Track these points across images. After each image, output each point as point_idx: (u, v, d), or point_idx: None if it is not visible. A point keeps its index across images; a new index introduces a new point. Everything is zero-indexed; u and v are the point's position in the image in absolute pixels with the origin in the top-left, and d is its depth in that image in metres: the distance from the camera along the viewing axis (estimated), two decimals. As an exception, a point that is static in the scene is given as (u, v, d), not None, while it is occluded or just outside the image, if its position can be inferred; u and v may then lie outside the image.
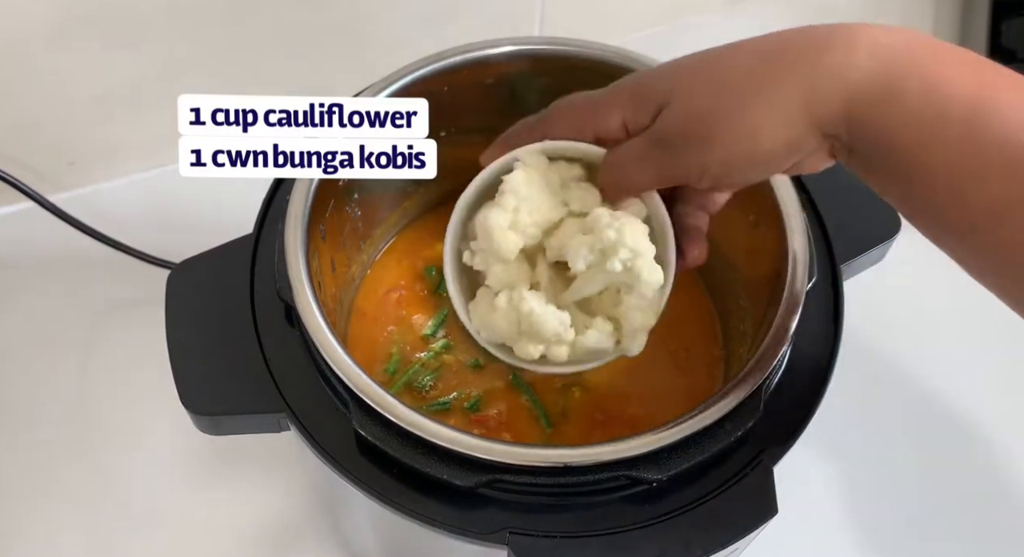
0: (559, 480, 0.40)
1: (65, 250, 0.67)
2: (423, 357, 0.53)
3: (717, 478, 0.41)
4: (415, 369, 0.52)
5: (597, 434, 0.50)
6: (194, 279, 0.47)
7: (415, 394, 0.51)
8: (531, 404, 0.51)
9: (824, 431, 0.54)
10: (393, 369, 0.52)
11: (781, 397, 0.43)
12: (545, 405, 0.51)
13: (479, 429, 0.50)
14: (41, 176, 0.67)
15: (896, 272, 0.58)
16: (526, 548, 0.39)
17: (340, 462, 0.41)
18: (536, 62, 0.51)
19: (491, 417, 0.51)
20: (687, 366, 0.53)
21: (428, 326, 0.54)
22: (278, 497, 0.59)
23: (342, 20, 0.69)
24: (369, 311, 0.54)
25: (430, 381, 0.52)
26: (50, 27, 0.61)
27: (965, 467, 0.62)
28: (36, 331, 0.65)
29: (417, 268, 0.56)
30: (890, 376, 0.65)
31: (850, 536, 0.59)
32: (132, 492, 0.59)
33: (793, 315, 0.43)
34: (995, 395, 0.65)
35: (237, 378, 0.44)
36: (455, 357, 0.53)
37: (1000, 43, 0.75)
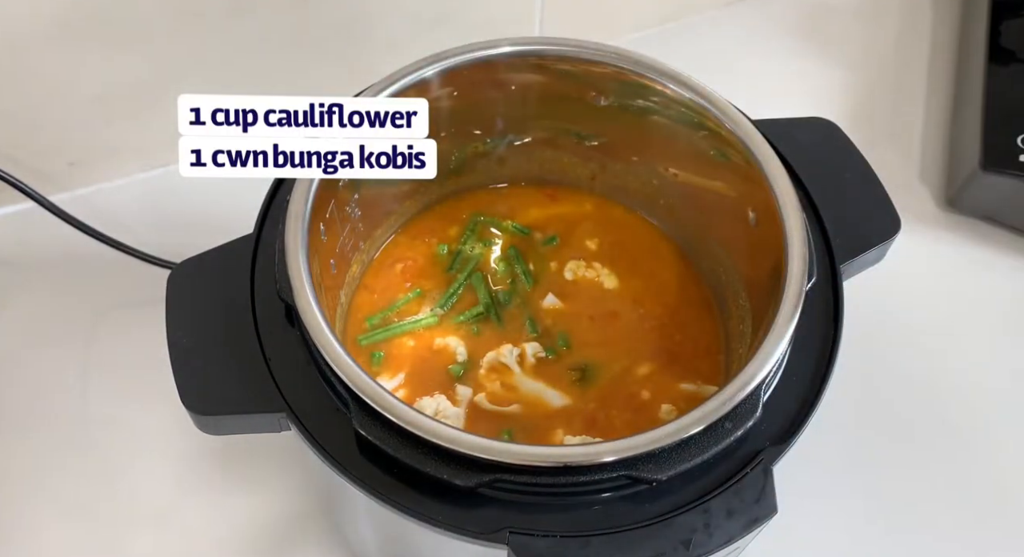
0: (559, 480, 0.40)
1: (65, 250, 0.67)
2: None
3: (717, 478, 0.41)
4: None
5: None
6: (194, 279, 0.47)
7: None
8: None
9: (824, 431, 0.54)
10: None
11: (781, 397, 0.43)
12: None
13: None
14: (41, 176, 0.67)
15: (896, 272, 0.58)
16: (526, 548, 0.39)
17: (340, 462, 0.41)
18: (536, 62, 0.51)
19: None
20: (687, 365, 0.53)
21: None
22: (278, 497, 0.59)
23: (342, 20, 0.69)
24: (368, 311, 0.55)
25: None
26: (50, 27, 0.61)
27: (966, 467, 0.62)
28: (36, 331, 0.65)
29: (417, 267, 0.56)
30: (890, 376, 0.65)
31: (850, 536, 0.59)
32: (132, 492, 0.59)
33: (793, 315, 0.43)
34: (996, 395, 0.65)
35: (237, 378, 0.44)
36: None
37: (1000, 43, 0.75)
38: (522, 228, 0.57)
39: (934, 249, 0.71)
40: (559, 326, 0.54)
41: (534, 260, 0.56)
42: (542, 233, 0.57)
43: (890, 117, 0.79)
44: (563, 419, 0.50)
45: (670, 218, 0.57)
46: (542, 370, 0.52)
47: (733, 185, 0.51)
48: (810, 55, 0.82)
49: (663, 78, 0.50)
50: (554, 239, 0.57)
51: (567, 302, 0.55)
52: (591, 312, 0.54)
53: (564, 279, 0.55)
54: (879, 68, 0.82)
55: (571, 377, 0.52)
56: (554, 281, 0.55)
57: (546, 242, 0.57)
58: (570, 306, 0.54)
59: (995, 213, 0.72)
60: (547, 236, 0.57)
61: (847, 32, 0.84)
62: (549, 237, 0.57)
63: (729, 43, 0.82)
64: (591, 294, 0.55)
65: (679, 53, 0.55)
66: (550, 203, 0.59)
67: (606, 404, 0.51)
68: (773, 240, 0.46)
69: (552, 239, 0.57)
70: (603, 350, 0.53)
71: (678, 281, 0.56)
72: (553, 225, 0.58)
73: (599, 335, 0.53)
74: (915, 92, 0.81)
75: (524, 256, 0.56)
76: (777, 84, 0.79)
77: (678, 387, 0.52)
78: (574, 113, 0.54)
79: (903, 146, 0.77)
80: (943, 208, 0.73)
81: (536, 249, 0.57)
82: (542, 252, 0.56)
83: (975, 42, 0.77)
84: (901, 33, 0.84)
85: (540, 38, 0.53)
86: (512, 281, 0.55)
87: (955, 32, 0.83)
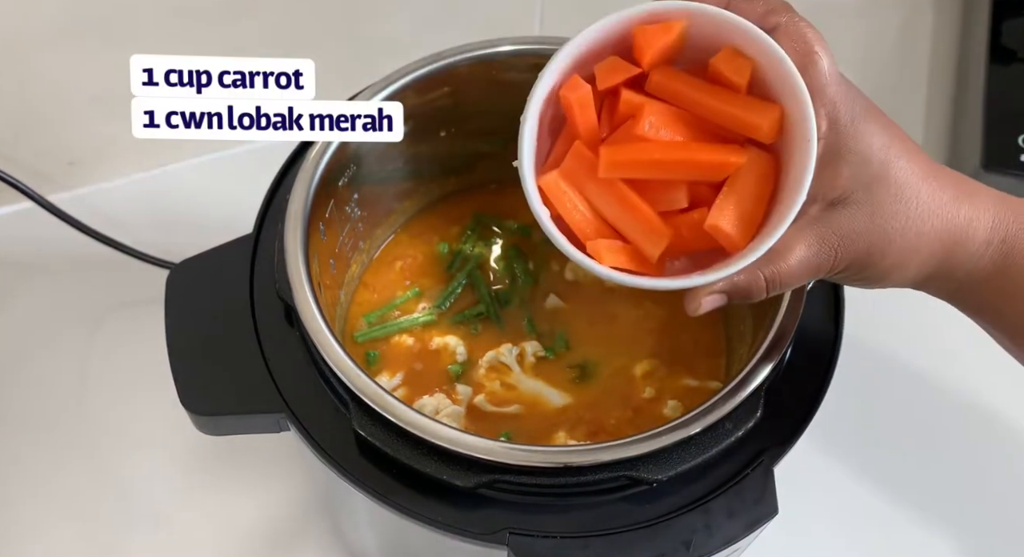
0: (559, 480, 0.40)
1: (65, 250, 0.67)
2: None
3: (717, 478, 0.41)
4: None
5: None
6: (194, 279, 0.47)
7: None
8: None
9: (824, 431, 0.54)
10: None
11: (781, 397, 0.43)
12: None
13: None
14: (41, 176, 0.67)
15: (896, 272, 0.58)
16: (526, 548, 0.39)
17: (340, 462, 0.41)
18: (536, 62, 0.51)
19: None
20: (688, 365, 0.53)
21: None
22: (278, 497, 0.59)
23: (342, 20, 0.69)
24: (367, 309, 0.55)
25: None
26: (50, 27, 0.61)
27: (966, 467, 0.62)
28: (36, 331, 0.65)
29: (416, 265, 0.56)
30: (890, 376, 0.65)
31: (850, 536, 0.59)
32: (132, 492, 0.59)
33: (793, 315, 0.43)
34: (996, 395, 0.65)
35: (237, 378, 0.44)
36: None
37: (1000, 43, 0.75)
38: (524, 227, 0.57)
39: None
40: (559, 326, 0.54)
41: (535, 260, 0.56)
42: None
43: (890, 117, 0.79)
44: (563, 418, 0.50)
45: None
46: (542, 369, 0.52)
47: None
48: (810, 55, 0.81)
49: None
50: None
51: (568, 302, 0.54)
52: (591, 312, 0.54)
53: (565, 279, 0.55)
54: (879, 68, 0.82)
55: (570, 375, 0.52)
56: (555, 281, 0.55)
57: (547, 241, 0.57)
58: (571, 306, 0.54)
59: (996, 213, 0.72)
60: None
61: (847, 31, 0.83)
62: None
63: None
64: (593, 294, 0.55)
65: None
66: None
67: (606, 402, 0.51)
68: (773, 240, 0.46)
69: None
70: (603, 349, 0.53)
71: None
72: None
73: (599, 335, 0.53)
74: (915, 92, 0.80)
75: (525, 256, 0.56)
76: (777, 84, 0.78)
77: (681, 383, 0.52)
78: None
79: (904, 146, 0.77)
80: (944, 208, 0.73)
81: (537, 249, 0.57)
82: (543, 252, 0.56)
83: (976, 42, 0.77)
84: (901, 33, 0.84)
85: (540, 38, 0.53)
86: (511, 280, 0.55)
87: (956, 32, 0.83)
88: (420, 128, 0.51)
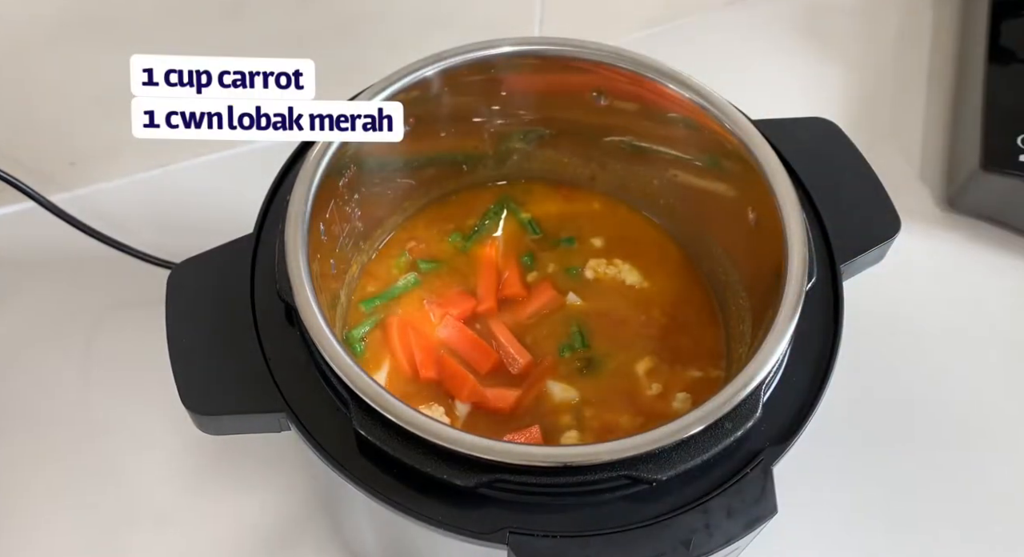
0: (559, 480, 0.40)
1: (65, 250, 0.67)
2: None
3: (717, 478, 0.41)
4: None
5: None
6: (194, 279, 0.47)
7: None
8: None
9: (824, 432, 0.54)
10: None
11: (781, 397, 0.43)
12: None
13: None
14: (41, 176, 0.67)
15: (896, 272, 0.58)
16: (526, 548, 0.39)
17: (340, 462, 0.41)
18: (536, 62, 0.51)
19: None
20: (687, 366, 0.53)
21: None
22: (278, 497, 0.59)
23: (342, 20, 0.69)
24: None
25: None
26: (50, 27, 0.61)
27: (966, 467, 0.62)
28: (36, 331, 0.65)
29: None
30: (890, 376, 0.65)
31: (850, 536, 0.59)
32: (132, 492, 0.59)
33: (793, 315, 0.43)
34: (996, 395, 0.65)
35: (237, 378, 0.44)
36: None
37: (1000, 43, 0.75)
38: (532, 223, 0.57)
39: (934, 249, 0.71)
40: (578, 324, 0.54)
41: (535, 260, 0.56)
42: (542, 232, 0.57)
43: (890, 117, 0.79)
44: (567, 412, 0.51)
45: (670, 218, 0.57)
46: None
47: (733, 185, 0.51)
48: (810, 55, 0.82)
49: (663, 78, 0.50)
50: (572, 240, 0.57)
51: (587, 301, 0.55)
52: (590, 313, 0.54)
53: (565, 280, 0.56)
54: (879, 68, 0.82)
55: (575, 365, 0.52)
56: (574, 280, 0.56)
57: (553, 242, 0.57)
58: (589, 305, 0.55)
59: (995, 213, 0.72)
60: (560, 238, 0.57)
61: (847, 32, 0.84)
62: (564, 238, 0.57)
63: (729, 43, 0.82)
64: (594, 294, 0.55)
65: (679, 53, 0.55)
66: (550, 202, 0.59)
67: (611, 397, 0.51)
68: (773, 240, 0.46)
69: (570, 239, 0.57)
70: (606, 347, 0.53)
71: (679, 281, 0.56)
72: (553, 222, 0.58)
73: (603, 334, 0.53)
74: (915, 92, 0.81)
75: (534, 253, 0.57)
76: (777, 84, 0.79)
77: (686, 375, 0.52)
78: (574, 113, 0.54)
79: (903, 146, 0.77)
80: (943, 208, 0.73)
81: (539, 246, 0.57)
82: (560, 251, 0.56)
83: (975, 42, 0.77)
84: (901, 33, 0.84)
85: (540, 38, 0.53)
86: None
87: (955, 32, 0.83)
88: (420, 128, 0.51)
